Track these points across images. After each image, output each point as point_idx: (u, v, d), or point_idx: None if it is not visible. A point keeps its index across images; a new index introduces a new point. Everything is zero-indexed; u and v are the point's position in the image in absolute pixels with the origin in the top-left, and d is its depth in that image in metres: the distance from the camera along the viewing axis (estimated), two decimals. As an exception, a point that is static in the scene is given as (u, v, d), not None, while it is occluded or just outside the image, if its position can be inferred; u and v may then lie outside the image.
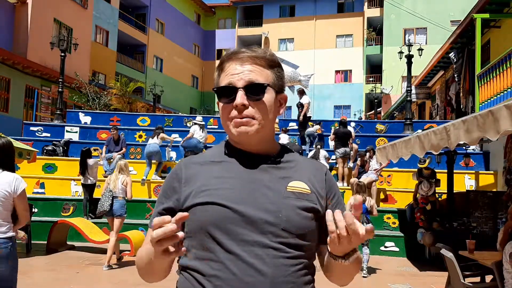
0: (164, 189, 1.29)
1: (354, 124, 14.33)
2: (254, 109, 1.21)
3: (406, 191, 10.39)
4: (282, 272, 1.13)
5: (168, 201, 1.25)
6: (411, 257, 8.89)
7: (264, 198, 1.18)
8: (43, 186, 10.93)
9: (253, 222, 1.15)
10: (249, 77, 1.21)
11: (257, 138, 1.22)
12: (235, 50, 1.26)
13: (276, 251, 1.14)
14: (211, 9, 38.33)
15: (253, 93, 1.21)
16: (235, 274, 1.11)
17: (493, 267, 4.32)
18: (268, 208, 1.16)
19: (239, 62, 1.23)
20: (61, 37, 15.90)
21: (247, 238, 1.13)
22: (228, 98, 1.22)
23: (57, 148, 12.37)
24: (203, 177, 1.23)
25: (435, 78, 18.68)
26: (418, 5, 26.82)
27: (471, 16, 11.78)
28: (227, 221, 1.13)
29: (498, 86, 9.67)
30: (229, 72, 1.23)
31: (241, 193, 1.18)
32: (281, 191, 1.20)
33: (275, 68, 1.27)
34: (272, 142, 1.30)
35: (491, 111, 4.02)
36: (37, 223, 8.99)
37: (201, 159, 1.30)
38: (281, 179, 1.22)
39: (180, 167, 1.29)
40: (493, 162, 11.43)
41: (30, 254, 8.13)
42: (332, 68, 33.42)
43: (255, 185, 1.20)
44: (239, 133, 1.21)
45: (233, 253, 1.12)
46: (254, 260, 1.12)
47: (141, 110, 22.78)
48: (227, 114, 1.22)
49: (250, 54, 1.23)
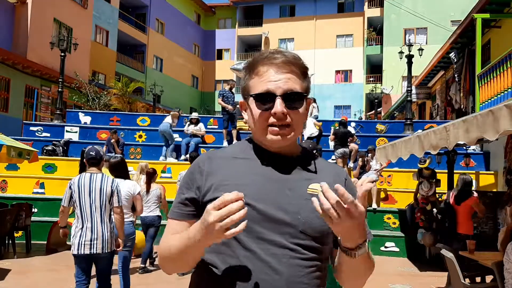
0: (185, 180, 1.29)
1: (354, 124, 14.30)
2: (292, 117, 1.22)
3: (406, 191, 10.38)
4: (296, 272, 1.15)
5: (189, 191, 1.26)
6: (411, 257, 8.89)
7: (285, 198, 1.19)
8: (43, 186, 10.92)
9: (272, 221, 1.16)
10: (288, 86, 1.22)
11: (287, 143, 1.25)
12: (268, 54, 1.25)
13: (292, 252, 1.16)
14: (211, 9, 38.32)
15: (291, 101, 1.22)
16: (251, 271, 1.13)
17: (494, 267, 4.31)
18: (288, 209, 1.18)
19: (276, 68, 1.23)
20: (61, 37, 15.89)
21: (265, 236, 1.15)
22: (265, 104, 1.22)
23: (57, 148, 12.36)
24: (225, 171, 1.24)
25: (435, 78, 18.67)
26: (418, 5, 26.79)
27: (471, 16, 11.76)
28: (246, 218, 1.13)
29: (499, 86, 9.66)
30: (266, 78, 1.23)
31: (262, 191, 1.19)
32: (302, 192, 1.20)
33: (306, 77, 1.29)
34: (295, 144, 1.32)
35: (492, 111, 4.01)
36: (37, 223, 8.99)
37: (224, 154, 1.31)
38: (302, 180, 1.23)
39: (203, 160, 1.29)
40: (494, 162, 11.42)
41: (30, 254, 8.13)
42: (332, 68, 33.42)
43: (276, 185, 1.21)
44: (274, 141, 1.22)
45: (250, 250, 1.14)
46: (270, 259, 1.14)
47: (141, 110, 22.78)
48: (263, 120, 1.23)
49: (285, 59, 1.23)
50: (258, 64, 1.25)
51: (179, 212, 1.26)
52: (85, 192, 4.10)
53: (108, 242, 4.11)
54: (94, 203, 4.10)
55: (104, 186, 4.14)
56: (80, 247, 4.01)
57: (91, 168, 4.28)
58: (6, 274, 6.50)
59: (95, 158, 4.28)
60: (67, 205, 4.18)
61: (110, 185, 4.18)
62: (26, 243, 8.43)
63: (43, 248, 8.37)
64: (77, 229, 4.06)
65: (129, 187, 4.87)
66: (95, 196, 4.10)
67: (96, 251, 4.04)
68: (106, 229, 4.11)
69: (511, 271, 3.91)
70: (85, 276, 4.16)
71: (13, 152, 7.32)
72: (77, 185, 4.11)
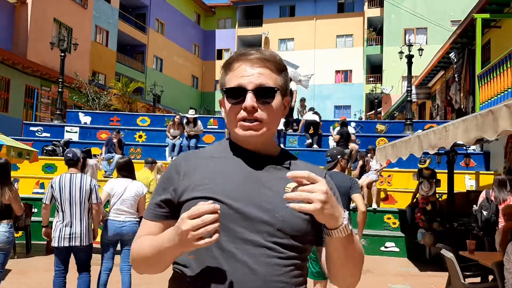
0: (162, 181, 1.29)
1: (355, 124, 14.30)
2: (263, 112, 1.21)
3: (406, 191, 10.38)
4: (274, 271, 1.13)
5: (165, 192, 1.25)
6: (411, 257, 8.88)
7: (262, 197, 1.18)
8: (42, 186, 10.90)
9: (249, 220, 1.15)
10: (259, 80, 1.21)
11: (261, 140, 1.24)
12: (244, 51, 1.26)
13: (270, 251, 1.14)
14: (211, 9, 38.31)
15: (263, 96, 1.21)
16: (228, 272, 1.11)
17: (494, 267, 4.31)
18: (265, 207, 1.16)
19: (249, 64, 1.23)
20: (61, 37, 15.90)
21: (242, 236, 1.14)
22: (236, 99, 1.22)
23: (57, 148, 12.36)
24: (203, 171, 1.23)
25: (435, 78, 18.67)
26: (418, 5, 26.78)
27: (471, 16, 11.76)
28: (223, 218, 1.12)
29: (499, 86, 9.65)
30: (238, 73, 1.23)
31: (240, 190, 1.18)
32: (280, 191, 1.18)
33: (283, 72, 1.28)
34: (273, 144, 1.31)
35: (491, 111, 4.00)
36: (37, 223, 8.96)
37: (202, 153, 1.30)
38: (279, 179, 1.21)
39: (180, 160, 1.29)
40: (494, 162, 11.42)
41: (30, 254, 8.13)
42: (332, 68, 33.41)
43: (254, 184, 1.20)
44: (245, 136, 1.22)
45: (227, 250, 1.13)
46: (247, 259, 1.12)
47: (141, 110, 22.77)
48: (234, 114, 1.22)
49: (260, 56, 1.23)
50: (233, 61, 1.25)
51: (154, 213, 1.26)
52: (66, 190, 4.45)
53: (85, 236, 4.47)
54: (74, 201, 4.45)
55: (83, 185, 4.51)
56: (60, 241, 4.40)
57: (70, 168, 4.64)
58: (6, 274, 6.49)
59: (72, 160, 4.63)
60: (49, 202, 4.52)
61: (89, 184, 4.54)
62: (26, 243, 8.44)
63: (43, 248, 8.37)
64: (58, 224, 4.44)
65: (138, 188, 5.05)
66: (75, 194, 4.46)
67: (75, 244, 4.42)
68: (84, 224, 4.47)
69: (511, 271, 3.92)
70: (64, 266, 4.56)
71: (13, 152, 7.33)
72: (58, 184, 4.47)
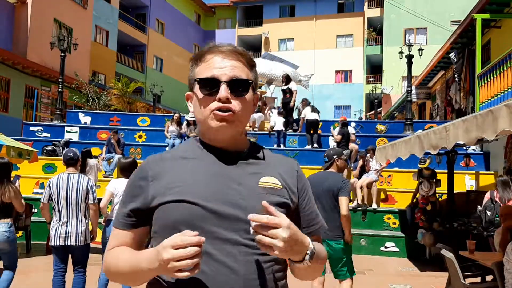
0: (129, 188, 1.24)
1: (354, 124, 14.28)
2: (236, 104, 1.20)
3: (406, 191, 10.37)
4: (254, 268, 1.12)
5: (134, 200, 1.21)
6: (411, 257, 8.88)
7: (236, 195, 1.16)
8: (42, 186, 10.90)
9: (225, 219, 1.13)
10: (233, 73, 1.20)
11: (233, 133, 1.22)
12: (216, 44, 1.25)
13: (248, 248, 1.12)
14: (211, 9, 38.32)
15: (236, 88, 1.20)
16: (207, 274, 1.09)
17: (494, 267, 4.31)
18: (240, 205, 1.15)
19: (222, 55, 1.22)
20: (61, 37, 15.90)
21: (219, 235, 1.12)
22: (209, 90, 1.19)
23: (57, 148, 12.36)
24: (172, 173, 1.20)
25: (435, 78, 18.66)
26: (418, 5, 26.79)
27: (471, 16, 11.75)
28: (198, 219, 1.10)
29: (499, 86, 9.65)
30: (212, 65, 1.21)
31: (213, 190, 1.16)
32: (253, 187, 1.18)
33: (253, 69, 1.28)
34: (243, 139, 1.29)
35: (491, 111, 4.00)
36: (37, 223, 8.98)
37: (169, 155, 1.27)
38: (252, 174, 1.21)
39: (147, 164, 1.25)
40: (494, 162, 11.42)
41: (30, 254, 8.13)
42: (332, 68, 33.41)
43: (226, 182, 1.18)
44: (218, 127, 1.19)
45: (205, 252, 1.10)
46: (226, 258, 1.11)
47: (141, 110, 22.76)
48: (207, 106, 1.20)
49: (233, 49, 1.23)
50: (205, 53, 1.24)
51: (123, 222, 1.23)
52: (63, 190, 4.46)
53: (81, 235, 4.49)
54: (71, 201, 4.48)
55: (80, 185, 4.52)
56: (56, 239, 4.44)
57: (69, 168, 4.62)
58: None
59: (72, 159, 4.61)
60: (47, 201, 4.56)
61: (86, 185, 4.55)
62: (26, 243, 8.43)
63: (43, 248, 8.36)
64: (54, 223, 4.49)
65: None
66: (72, 194, 4.48)
67: (70, 243, 4.45)
68: (80, 225, 4.50)
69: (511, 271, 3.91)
70: (63, 265, 4.61)
71: (13, 152, 7.33)
72: (56, 184, 4.48)
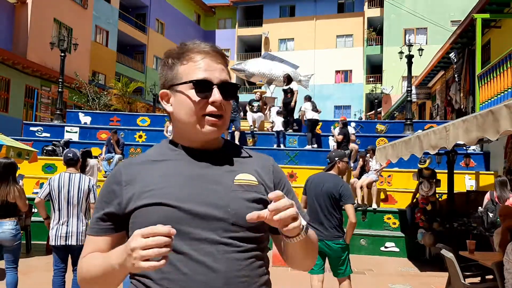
0: (103, 194, 1.23)
1: (354, 124, 14.28)
2: (225, 108, 1.21)
3: (406, 191, 10.38)
4: (235, 267, 1.12)
5: (109, 206, 1.20)
6: (411, 257, 8.88)
7: (212, 194, 1.16)
8: (42, 186, 10.92)
9: (202, 218, 1.12)
10: (223, 76, 1.21)
11: (218, 137, 1.24)
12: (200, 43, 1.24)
13: (227, 246, 1.12)
14: (211, 9, 38.32)
15: (226, 92, 1.20)
16: (186, 274, 1.09)
17: (494, 267, 4.31)
18: (217, 203, 1.14)
19: (210, 57, 1.22)
20: (61, 37, 15.89)
21: (197, 236, 1.11)
22: (202, 92, 1.19)
23: (57, 148, 12.36)
24: (146, 177, 1.19)
25: (435, 78, 18.66)
26: (418, 5, 26.79)
27: (471, 16, 11.75)
28: (175, 221, 1.09)
29: (499, 86, 9.65)
30: (202, 66, 1.20)
31: (188, 190, 1.15)
32: (229, 184, 1.18)
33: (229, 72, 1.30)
34: (218, 138, 1.29)
35: (491, 111, 4.00)
36: (37, 223, 8.98)
37: (142, 158, 1.26)
38: (228, 173, 1.20)
39: (119, 169, 1.24)
40: (494, 162, 11.42)
41: (30, 254, 8.13)
42: (332, 68, 33.41)
43: (201, 181, 1.17)
44: (209, 132, 1.19)
45: (183, 253, 1.10)
46: (205, 258, 1.10)
47: (141, 110, 22.76)
48: (199, 109, 1.19)
49: (217, 50, 1.23)
50: (190, 52, 1.22)
51: (97, 228, 1.22)
52: (64, 189, 4.51)
53: (82, 235, 4.51)
54: (72, 200, 4.52)
55: (82, 185, 4.58)
56: (56, 239, 4.47)
57: (69, 168, 4.68)
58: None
59: (72, 159, 4.67)
60: (43, 198, 4.60)
61: (87, 184, 4.62)
62: (26, 243, 8.42)
63: (43, 248, 8.36)
64: (55, 223, 4.52)
65: None
66: (73, 194, 4.53)
67: (71, 243, 4.47)
68: (81, 224, 4.54)
69: (511, 271, 3.91)
70: (63, 265, 4.64)
71: (12, 152, 7.33)
72: (57, 183, 4.53)
